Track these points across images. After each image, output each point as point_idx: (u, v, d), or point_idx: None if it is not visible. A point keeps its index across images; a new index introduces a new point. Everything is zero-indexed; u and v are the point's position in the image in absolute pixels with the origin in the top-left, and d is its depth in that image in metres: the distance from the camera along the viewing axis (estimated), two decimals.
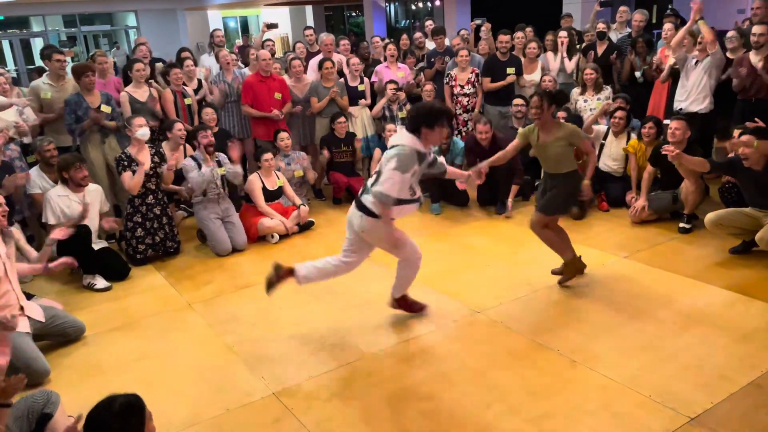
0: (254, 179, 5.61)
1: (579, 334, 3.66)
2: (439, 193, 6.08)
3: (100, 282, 4.72)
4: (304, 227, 5.72)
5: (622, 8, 7.67)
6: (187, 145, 5.87)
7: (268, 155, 5.64)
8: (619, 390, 3.09)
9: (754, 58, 5.52)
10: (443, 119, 3.47)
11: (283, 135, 6.13)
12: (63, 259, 3.83)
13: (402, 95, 6.82)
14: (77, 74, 5.48)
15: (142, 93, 5.96)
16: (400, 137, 3.50)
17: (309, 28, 8.05)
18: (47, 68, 5.88)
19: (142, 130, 5.03)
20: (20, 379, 2.42)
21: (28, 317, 3.61)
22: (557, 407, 2.99)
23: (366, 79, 6.91)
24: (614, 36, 7.33)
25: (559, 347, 3.51)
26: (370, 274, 4.73)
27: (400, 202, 3.49)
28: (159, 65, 7.02)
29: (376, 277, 4.65)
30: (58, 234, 4.05)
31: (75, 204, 4.80)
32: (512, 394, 3.12)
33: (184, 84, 6.34)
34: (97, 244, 4.95)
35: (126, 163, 5.01)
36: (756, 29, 5.49)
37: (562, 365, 3.35)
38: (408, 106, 6.90)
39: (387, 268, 4.78)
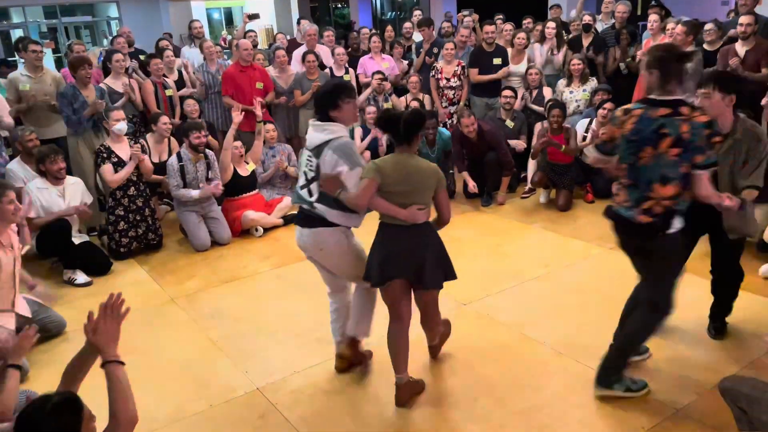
0: None
1: (565, 325, 3.65)
2: None
3: (81, 277, 4.64)
4: (289, 220, 5.66)
5: None
6: (172, 138, 5.78)
7: (237, 143, 5.51)
8: None
9: (740, 48, 5.52)
10: (348, 92, 2.97)
11: (269, 126, 6.05)
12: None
13: (387, 86, 6.77)
14: (74, 67, 5.37)
15: (120, 84, 5.85)
16: (330, 130, 2.93)
17: (302, 18, 8.02)
18: (23, 59, 5.75)
19: (119, 124, 4.95)
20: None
21: (15, 313, 3.53)
22: (545, 399, 2.98)
23: (351, 70, 6.84)
24: (599, 26, 7.32)
25: (545, 339, 3.50)
26: None
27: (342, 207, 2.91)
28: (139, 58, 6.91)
29: None
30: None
31: (55, 197, 4.72)
32: (500, 386, 3.10)
33: (164, 75, 6.24)
34: (78, 238, 4.86)
35: (105, 155, 4.92)
36: (743, 19, 5.49)
37: (549, 357, 3.34)
38: (393, 97, 6.86)
39: None
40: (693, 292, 3.96)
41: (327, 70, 6.75)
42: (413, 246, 2.87)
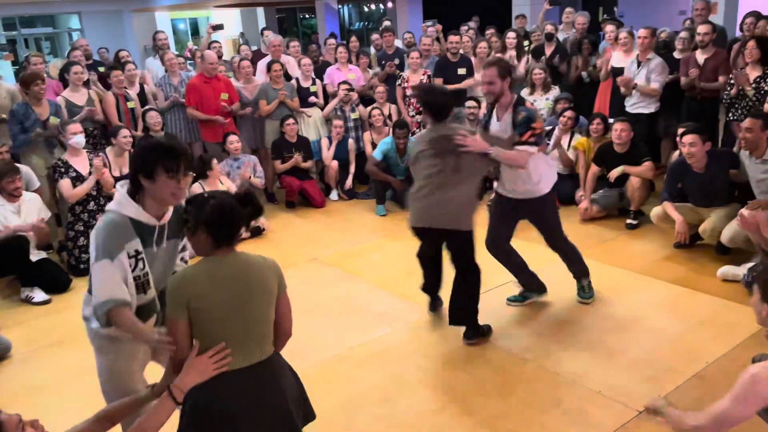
0: (196, 190, 5.41)
1: (530, 332, 3.67)
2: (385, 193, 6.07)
3: (39, 295, 4.50)
4: (255, 233, 5.58)
5: (567, 9, 7.81)
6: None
7: (214, 162, 5.48)
8: (570, 386, 3.11)
9: (700, 57, 5.67)
10: (171, 162, 2.08)
11: (233, 138, 6.00)
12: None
13: (354, 96, 6.78)
14: (26, 83, 5.23)
15: (80, 97, 5.74)
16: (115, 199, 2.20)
17: (266, 29, 7.98)
18: None
19: (77, 137, 4.84)
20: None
21: None
22: (510, 407, 2.99)
23: (318, 81, 6.84)
24: (560, 36, 7.45)
25: (510, 346, 3.52)
26: (322, 277, 4.66)
27: (139, 311, 2.23)
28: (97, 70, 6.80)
29: (328, 281, 4.58)
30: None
31: (10, 214, 4.59)
32: (466, 395, 3.10)
33: (126, 87, 6.14)
34: (36, 255, 4.72)
35: (63, 169, 4.82)
36: (701, 29, 5.64)
37: (514, 364, 3.35)
38: (360, 107, 6.87)
39: (340, 270, 4.72)
40: (652, 294, 4.05)
41: (293, 81, 6.73)
42: (270, 401, 2.04)
